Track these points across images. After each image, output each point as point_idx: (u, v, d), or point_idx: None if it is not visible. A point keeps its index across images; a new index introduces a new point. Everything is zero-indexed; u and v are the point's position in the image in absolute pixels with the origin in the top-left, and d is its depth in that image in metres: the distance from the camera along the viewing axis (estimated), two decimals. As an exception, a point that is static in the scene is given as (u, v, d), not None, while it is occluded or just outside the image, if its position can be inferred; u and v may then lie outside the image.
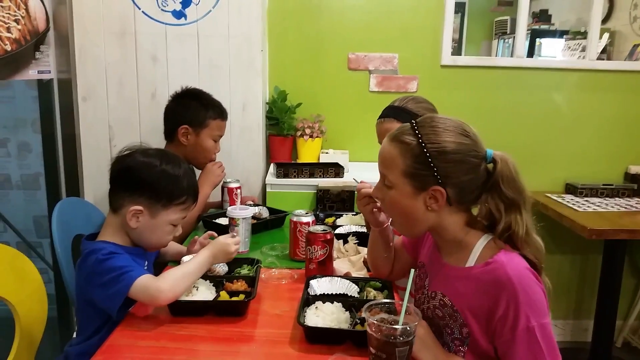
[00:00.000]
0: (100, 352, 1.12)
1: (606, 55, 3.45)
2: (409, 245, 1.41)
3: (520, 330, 1.03)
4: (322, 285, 1.37)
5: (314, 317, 1.20)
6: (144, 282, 1.23)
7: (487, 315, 1.07)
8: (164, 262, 1.64)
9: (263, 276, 1.52)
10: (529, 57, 3.91)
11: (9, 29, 1.97)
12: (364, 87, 2.71)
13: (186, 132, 1.99)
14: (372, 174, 2.14)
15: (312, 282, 1.38)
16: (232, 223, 1.70)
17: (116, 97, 2.33)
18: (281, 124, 2.57)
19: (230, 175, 2.14)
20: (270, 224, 1.98)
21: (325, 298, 1.28)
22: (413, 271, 1.09)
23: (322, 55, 2.67)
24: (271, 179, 2.36)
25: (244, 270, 1.49)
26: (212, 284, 1.37)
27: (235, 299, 1.31)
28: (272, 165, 2.49)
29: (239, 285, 1.38)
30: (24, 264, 1.59)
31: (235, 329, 1.23)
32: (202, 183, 1.94)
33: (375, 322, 1.00)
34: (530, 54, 4.37)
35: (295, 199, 2.29)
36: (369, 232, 1.44)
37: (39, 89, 2.30)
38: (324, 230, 1.49)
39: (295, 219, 1.65)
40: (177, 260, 1.55)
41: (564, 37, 4.21)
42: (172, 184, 1.38)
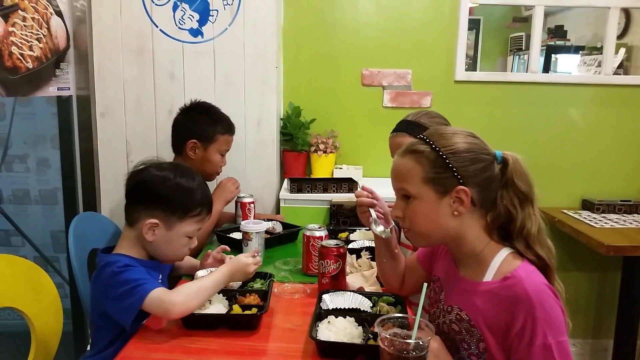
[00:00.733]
0: (114, 364, 1.13)
1: (623, 70, 3.42)
2: (423, 260, 1.40)
3: (536, 346, 1.02)
4: (335, 299, 1.37)
5: (326, 331, 1.20)
6: (157, 295, 1.24)
7: (504, 331, 1.06)
8: (178, 275, 1.65)
9: (276, 290, 1.52)
10: (545, 73, 3.89)
11: (31, 47, 2.02)
12: (377, 102, 2.72)
13: (194, 147, 2.01)
14: (386, 189, 2.13)
15: (325, 296, 1.37)
16: (245, 237, 1.71)
17: (133, 114, 2.37)
18: (295, 139, 2.59)
19: (244, 190, 2.16)
20: (283, 238, 1.99)
21: (337, 312, 1.28)
22: (425, 285, 1.09)
23: (336, 71, 2.70)
24: (285, 194, 2.37)
25: (257, 284, 1.49)
26: (224, 297, 1.37)
27: (247, 312, 1.31)
28: (285, 181, 2.50)
29: (252, 299, 1.38)
30: (41, 277, 1.61)
31: (247, 342, 1.23)
32: (215, 199, 1.95)
33: (388, 336, 1.00)
34: (546, 69, 4.35)
35: (309, 214, 2.30)
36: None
37: (58, 106, 2.35)
38: (336, 245, 1.48)
39: (308, 233, 1.65)
40: (191, 274, 1.56)
41: (580, 52, 4.19)
42: (187, 196, 1.40)
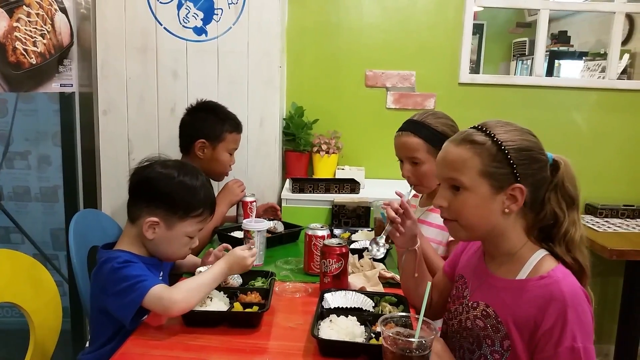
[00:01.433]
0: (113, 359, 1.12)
1: (626, 76, 3.41)
2: (450, 271, 1.36)
3: (564, 347, 1.00)
4: (337, 299, 1.36)
5: (328, 330, 1.19)
6: (158, 292, 1.23)
7: (532, 328, 1.04)
8: (179, 273, 1.64)
9: (277, 289, 1.51)
10: (549, 77, 3.88)
11: (35, 43, 2.02)
12: (381, 104, 2.72)
13: (203, 146, 2.00)
14: (388, 190, 2.13)
15: (327, 295, 1.36)
16: (247, 236, 1.70)
17: (136, 112, 2.37)
18: (298, 139, 2.58)
19: (246, 189, 2.15)
20: (285, 238, 1.98)
21: (339, 312, 1.27)
22: (429, 284, 1.08)
23: (339, 72, 2.69)
24: (287, 194, 2.36)
25: (258, 283, 1.48)
26: (226, 295, 1.36)
27: (248, 310, 1.30)
28: (287, 180, 2.49)
29: (253, 297, 1.37)
30: (41, 273, 1.60)
31: (248, 340, 1.22)
32: (220, 201, 1.94)
33: (391, 335, 0.99)
34: (550, 75, 4.34)
35: (311, 214, 2.29)
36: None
37: (60, 102, 2.35)
38: (339, 244, 1.47)
39: (310, 232, 1.64)
40: (192, 272, 1.55)
41: (583, 58, 4.19)
42: (190, 196, 1.38)
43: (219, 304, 1.32)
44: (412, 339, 0.98)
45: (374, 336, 1.16)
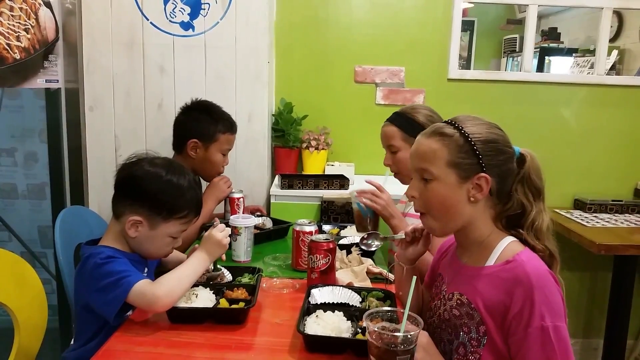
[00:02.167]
0: (96, 357, 1.10)
1: (615, 72, 3.43)
2: (429, 281, 1.39)
3: (533, 328, 1.02)
4: (324, 294, 1.35)
5: (314, 325, 1.18)
6: (140, 288, 1.21)
7: (503, 312, 1.07)
8: (165, 271, 1.62)
9: (264, 285, 1.50)
10: (538, 73, 3.89)
11: (18, 38, 1.99)
12: (370, 100, 2.71)
13: (195, 146, 1.98)
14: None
15: (314, 291, 1.35)
16: (234, 232, 1.69)
17: (123, 108, 2.34)
18: (287, 135, 2.57)
19: (234, 185, 2.13)
20: (273, 234, 1.97)
21: (326, 307, 1.26)
22: (415, 278, 1.07)
23: (328, 67, 2.68)
24: (276, 190, 2.35)
25: (245, 279, 1.47)
26: (212, 291, 1.35)
27: (234, 306, 1.29)
28: (277, 177, 2.48)
29: (239, 293, 1.36)
30: (25, 270, 1.58)
31: (234, 336, 1.21)
32: (207, 198, 1.93)
33: (376, 329, 0.98)
34: (540, 71, 4.36)
35: (300, 210, 2.28)
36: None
37: (46, 98, 2.32)
38: (326, 239, 1.47)
39: (298, 228, 1.63)
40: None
41: (573, 55, 4.20)
42: (175, 197, 1.36)
43: (205, 300, 1.31)
44: (398, 334, 0.97)
45: (360, 331, 1.16)
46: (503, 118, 1.21)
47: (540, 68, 4.40)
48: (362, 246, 1.44)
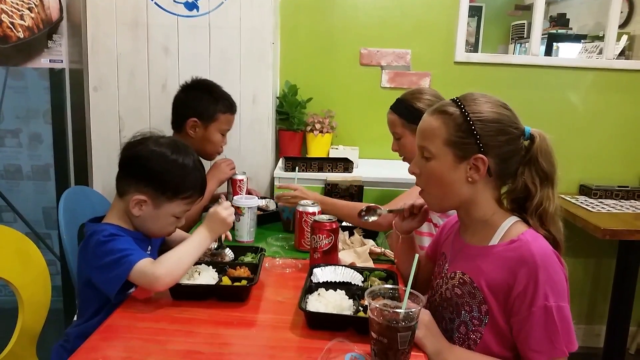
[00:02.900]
0: (98, 332, 1.11)
1: (624, 59, 3.38)
2: (431, 253, 1.41)
3: (537, 307, 1.02)
4: (326, 273, 1.35)
5: (316, 303, 1.18)
6: (142, 268, 1.21)
7: (506, 292, 1.06)
8: (169, 249, 1.62)
9: (267, 265, 1.51)
10: (545, 56, 3.84)
11: (22, 17, 1.98)
12: (375, 83, 2.69)
13: (195, 125, 1.97)
14: (383, 170, 2.12)
15: (316, 270, 1.35)
16: (237, 212, 1.69)
17: (127, 88, 2.33)
18: (291, 118, 2.55)
19: (238, 167, 2.13)
20: (276, 216, 1.96)
21: (328, 286, 1.26)
22: (417, 257, 1.07)
23: (334, 50, 2.66)
24: (279, 172, 2.34)
25: (248, 258, 1.48)
26: (215, 269, 1.35)
27: (237, 284, 1.29)
28: (280, 159, 2.47)
29: (242, 271, 1.36)
30: (29, 248, 1.59)
31: (236, 313, 1.21)
32: (209, 179, 1.92)
33: (378, 306, 0.98)
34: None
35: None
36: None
37: (50, 78, 2.32)
38: (329, 220, 1.46)
39: (301, 209, 1.63)
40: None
41: (582, 41, 4.15)
42: (180, 178, 1.35)
43: (207, 278, 1.31)
44: (399, 310, 0.97)
45: (362, 309, 1.15)
46: (509, 102, 1.19)
47: (548, 54, 4.34)
48: (361, 219, 1.43)
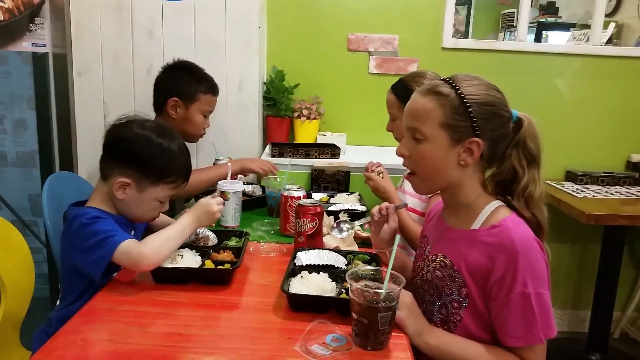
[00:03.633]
0: (79, 314, 1.10)
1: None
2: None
3: (515, 294, 1.02)
4: (310, 257, 1.35)
5: (299, 285, 1.18)
6: (126, 247, 1.21)
7: (485, 276, 1.06)
8: (153, 234, 1.62)
9: (252, 249, 1.51)
10: (532, 43, 3.84)
11: (1, -1, 1.94)
12: (363, 68, 2.68)
13: (175, 105, 1.96)
14: (370, 156, 2.10)
15: (300, 254, 1.35)
16: (222, 197, 1.68)
17: (111, 73, 2.31)
18: (278, 104, 2.54)
19: (224, 153, 2.13)
20: (262, 201, 1.96)
21: (311, 268, 1.26)
22: (398, 237, 1.07)
23: (321, 35, 2.64)
24: (267, 158, 2.32)
25: (232, 242, 1.47)
26: (198, 253, 1.35)
27: (219, 267, 1.29)
28: (268, 145, 2.46)
29: (226, 255, 1.36)
30: (11, 233, 1.57)
31: (218, 296, 1.21)
32: (236, 160, 2.03)
33: (358, 287, 0.98)
34: (536, 45, 4.31)
35: (291, 179, 2.25)
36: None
37: (33, 63, 2.28)
38: (313, 204, 1.46)
39: (286, 193, 1.63)
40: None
41: (571, 30, 4.15)
42: (164, 162, 1.35)
43: (190, 261, 1.31)
44: (380, 291, 0.97)
45: (344, 292, 1.16)
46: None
47: (537, 42, 4.35)
48: (333, 233, 1.46)
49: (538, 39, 4.38)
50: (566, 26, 4.36)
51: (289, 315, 1.12)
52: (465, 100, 1.07)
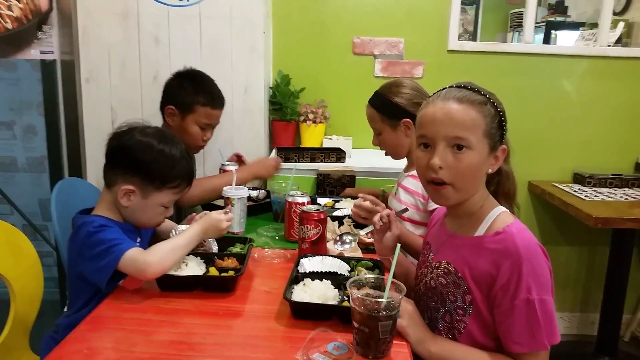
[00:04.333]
0: (84, 323, 1.11)
1: (621, 46, 3.36)
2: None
3: (519, 300, 1.02)
4: (313, 263, 1.36)
5: (301, 293, 1.19)
6: (132, 255, 1.22)
7: (490, 283, 1.06)
8: (159, 241, 1.63)
9: (256, 255, 1.51)
10: (539, 44, 3.82)
11: (10, 7, 1.97)
12: (369, 72, 2.68)
13: (172, 113, 1.94)
14: (375, 160, 2.11)
15: (303, 260, 1.36)
16: (227, 203, 1.70)
17: (119, 79, 2.33)
18: (284, 108, 2.55)
19: (230, 158, 2.14)
20: (267, 207, 1.97)
21: (314, 276, 1.26)
22: (399, 246, 1.07)
23: (326, 39, 2.64)
24: (272, 162, 2.33)
25: (236, 249, 1.48)
26: (202, 260, 1.36)
27: (224, 275, 1.30)
28: (274, 149, 2.47)
29: (230, 262, 1.37)
30: (20, 240, 1.59)
31: (222, 304, 1.22)
32: (247, 168, 2.06)
33: (359, 296, 0.99)
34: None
35: (296, 183, 2.26)
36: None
37: (42, 71, 2.31)
38: (317, 210, 1.47)
39: (290, 199, 1.63)
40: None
41: (580, 29, 4.11)
42: (167, 167, 1.36)
43: (194, 268, 1.32)
44: (380, 300, 0.98)
45: (347, 299, 1.16)
46: (503, 90, 1.18)
47: (546, 42, 4.31)
48: (336, 247, 1.46)
49: (547, 39, 4.34)
50: (575, 25, 4.32)
51: (291, 323, 1.13)
52: (498, 109, 1.10)
